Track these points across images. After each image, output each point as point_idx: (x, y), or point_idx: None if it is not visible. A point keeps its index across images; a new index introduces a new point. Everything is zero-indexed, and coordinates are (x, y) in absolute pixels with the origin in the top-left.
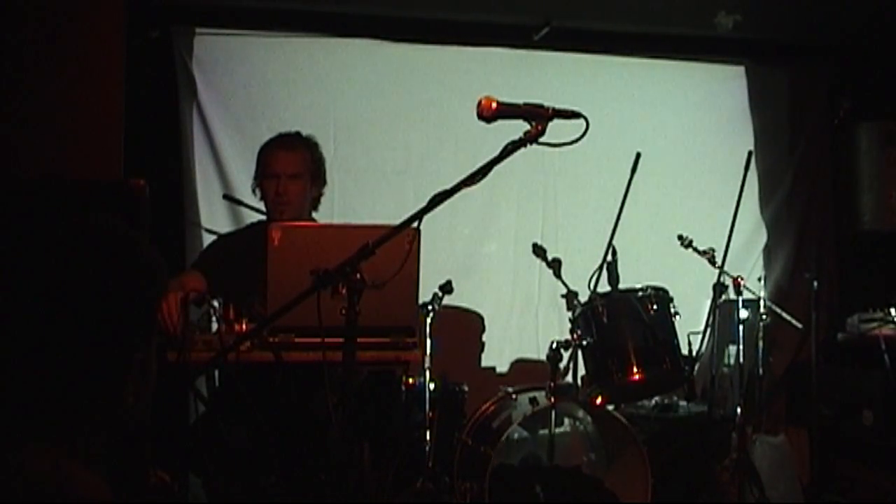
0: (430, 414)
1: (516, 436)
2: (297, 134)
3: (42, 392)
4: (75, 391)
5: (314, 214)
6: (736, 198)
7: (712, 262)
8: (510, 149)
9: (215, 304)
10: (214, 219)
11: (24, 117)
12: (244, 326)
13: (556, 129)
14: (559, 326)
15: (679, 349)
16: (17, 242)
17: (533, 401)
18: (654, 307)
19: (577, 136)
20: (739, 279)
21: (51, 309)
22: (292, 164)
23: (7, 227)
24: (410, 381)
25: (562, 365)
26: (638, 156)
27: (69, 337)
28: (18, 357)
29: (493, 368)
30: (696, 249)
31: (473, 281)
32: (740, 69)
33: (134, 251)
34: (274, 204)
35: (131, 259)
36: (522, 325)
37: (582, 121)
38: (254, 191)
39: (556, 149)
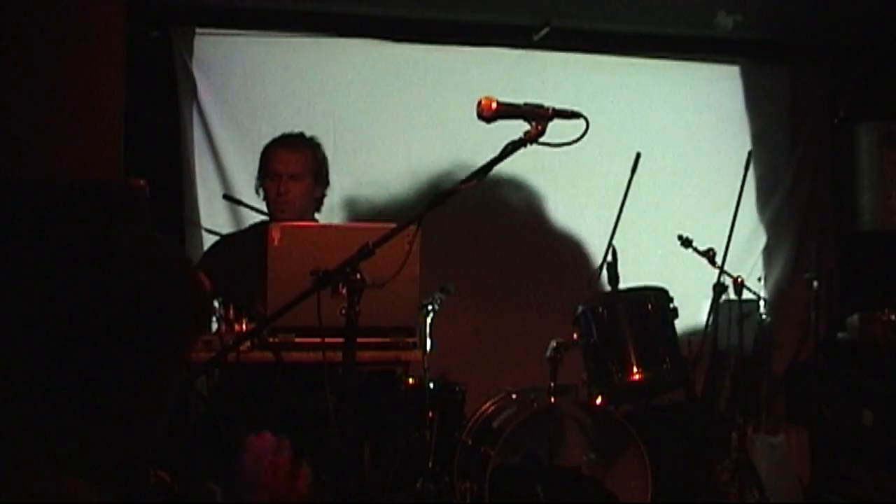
0: (430, 414)
1: (516, 436)
2: (301, 134)
3: (52, 407)
4: (89, 406)
5: (316, 216)
6: (736, 198)
7: (712, 262)
8: (510, 149)
9: (215, 304)
10: (214, 219)
11: (24, 117)
12: (244, 326)
13: (556, 129)
14: (559, 326)
15: (679, 349)
16: (56, 252)
17: (533, 401)
18: (654, 307)
19: (577, 136)
20: (739, 279)
21: (79, 322)
22: (294, 164)
23: (50, 232)
24: (410, 381)
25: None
26: (638, 156)
27: (91, 350)
28: (32, 370)
29: (493, 368)
30: (696, 249)
31: (473, 281)
32: (740, 69)
33: (183, 277)
34: (275, 204)
35: (178, 284)
36: (522, 325)
37: (582, 121)
38: (257, 191)
39: (556, 149)
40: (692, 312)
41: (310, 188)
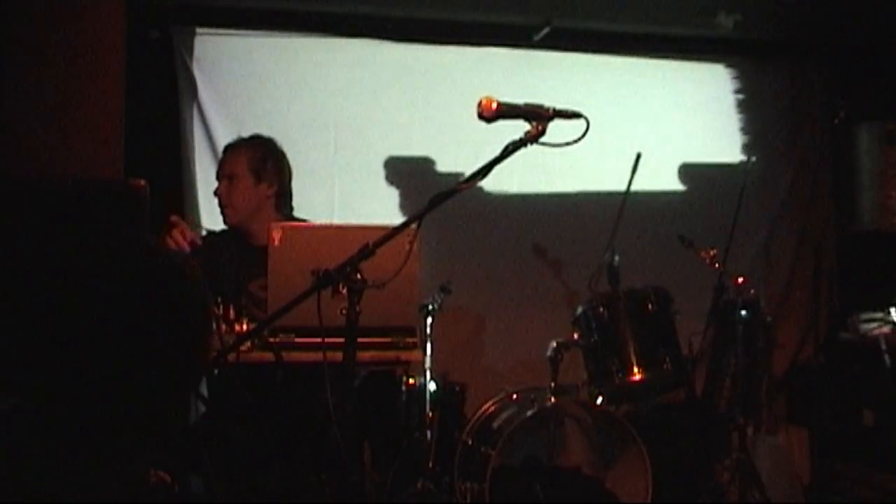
0: (430, 414)
1: (516, 436)
2: (253, 136)
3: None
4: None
5: (296, 214)
6: (736, 198)
7: (713, 262)
8: (510, 149)
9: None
10: (214, 219)
11: (24, 117)
12: (244, 326)
13: (557, 129)
14: (559, 326)
15: (679, 349)
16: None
17: (533, 401)
18: (654, 307)
19: (578, 136)
20: (740, 280)
21: (108, 324)
22: (229, 165)
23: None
24: (410, 381)
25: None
26: (638, 156)
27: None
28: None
29: (493, 368)
30: (696, 250)
31: (473, 281)
32: (740, 69)
33: (194, 283)
34: (220, 207)
35: (190, 290)
36: (522, 325)
37: (582, 121)
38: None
39: (556, 149)
40: (692, 312)
41: (250, 187)
